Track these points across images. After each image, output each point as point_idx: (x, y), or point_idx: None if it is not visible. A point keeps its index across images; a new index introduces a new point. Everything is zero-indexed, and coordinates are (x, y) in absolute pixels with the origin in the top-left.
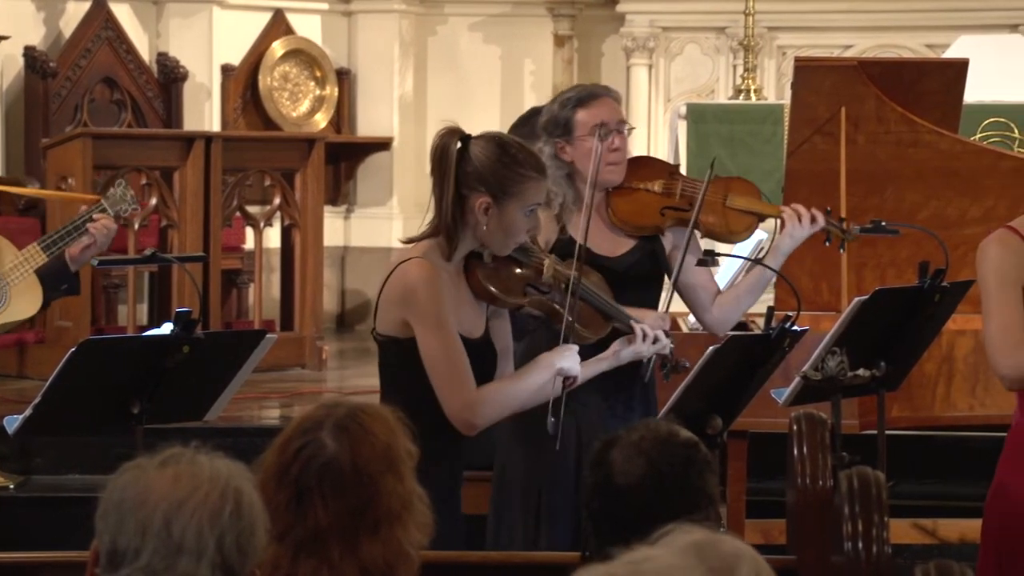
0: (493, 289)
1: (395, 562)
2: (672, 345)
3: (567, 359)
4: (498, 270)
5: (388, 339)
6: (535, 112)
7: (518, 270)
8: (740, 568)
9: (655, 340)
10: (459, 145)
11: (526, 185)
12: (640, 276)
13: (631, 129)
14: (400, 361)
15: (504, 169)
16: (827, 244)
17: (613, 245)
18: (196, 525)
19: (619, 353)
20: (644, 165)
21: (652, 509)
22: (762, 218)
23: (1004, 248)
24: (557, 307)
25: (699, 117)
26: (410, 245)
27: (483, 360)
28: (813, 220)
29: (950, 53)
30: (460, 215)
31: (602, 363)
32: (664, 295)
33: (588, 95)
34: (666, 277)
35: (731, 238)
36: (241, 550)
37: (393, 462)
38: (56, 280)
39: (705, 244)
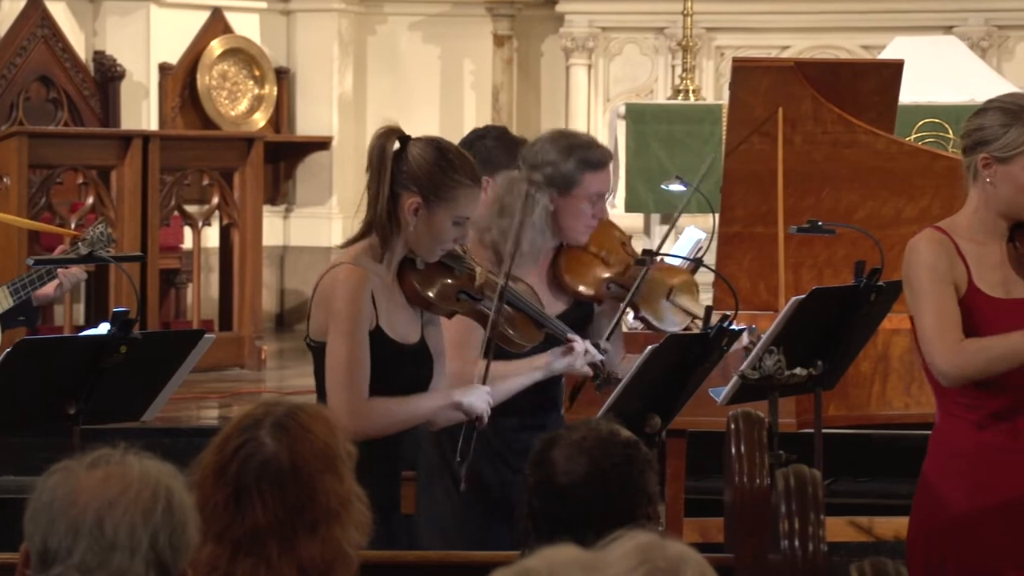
0: (426, 294)
1: (333, 561)
2: (604, 357)
3: (471, 395)
4: (431, 276)
5: (321, 345)
6: (479, 136)
7: (451, 276)
8: (685, 571)
9: (587, 352)
10: (398, 145)
11: (459, 191)
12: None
13: (611, 197)
14: None
15: (439, 172)
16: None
17: (547, 305)
18: (129, 522)
19: (551, 364)
20: (603, 229)
21: (594, 508)
22: (692, 318)
23: (936, 246)
24: (489, 313)
25: (638, 117)
26: (345, 249)
27: (419, 365)
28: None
29: (886, 54)
30: (394, 214)
31: (535, 373)
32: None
33: (599, 161)
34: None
35: (663, 329)
36: (174, 547)
37: (332, 461)
38: (16, 312)
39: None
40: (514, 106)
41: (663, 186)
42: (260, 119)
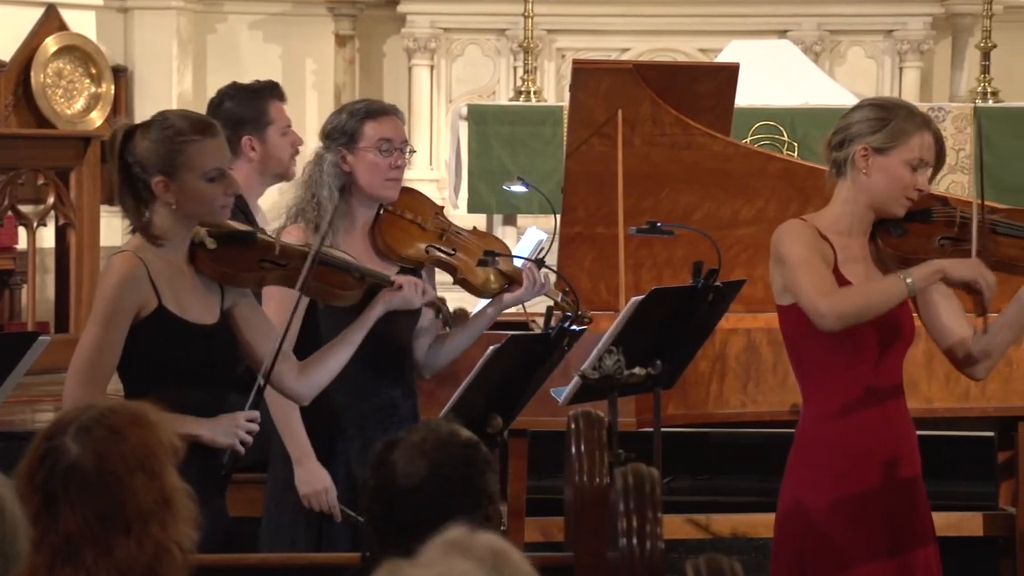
0: (225, 269)
1: (155, 561)
2: (442, 296)
3: (216, 430)
4: (227, 251)
5: None
6: (216, 104)
7: (247, 248)
8: (511, 555)
9: (422, 291)
10: (125, 137)
11: (189, 149)
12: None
13: (412, 152)
14: (129, 348)
15: (163, 144)
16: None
17: (377, 267)
18: None
19: (384, 301)
20: (415, 198)
21: (434, 510)
22: (510, 280)
23: (803, 227)
24: (296, 275)
25: (480, 118)
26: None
27: (214, 347)
28: (543, 286)
29: (722, 57)
30: (150, 200)
31: (374, 310)
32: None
33: (378, 110)
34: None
35: (481, 293)
36: (5, 556)
37: (145, 460)
38: None
39: (457, 292)
40: None
41: (505, 187)
42: (97, 118)
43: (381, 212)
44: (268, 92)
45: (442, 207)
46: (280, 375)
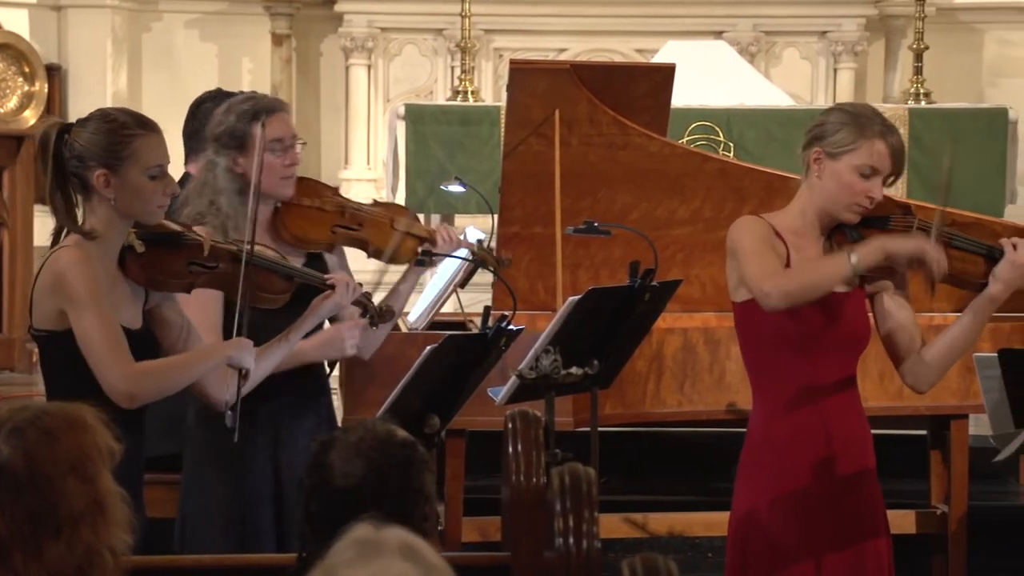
0: (154, 275)
1: (85, 564)
2: (368, 291)
3: (240, 350)
4: (156, 256)
5: (46, 334)
6: (199, 103)
7: (176, 252)
8: (422, 548)
9: (353, 290)
10: (60, 134)
11: (135, 144)
12: (308, 290)
13: (303, 144)
14: (61, 355)
15: (108, 136)
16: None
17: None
18: None
19: (318, 309)
20: (309, 185)
21: (371, 510)
22: (422, 241)
23: (757, 220)
24: (228, 277)
25: (417, 118)
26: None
27: (144, 351)
28: (459, 245)
29: (659, 58)
30: (88, 196)
31: (306, 322)
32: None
33: (265, 109)
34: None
35: (398, 259)
36: None
37: (78, 462)
38: None
39: (372, 264)
40: (293, 106)
41: (442, 187)
42: (31, 116)
43: (279, 206)
44: None
45: (338, 187)
46: (206, 382)
